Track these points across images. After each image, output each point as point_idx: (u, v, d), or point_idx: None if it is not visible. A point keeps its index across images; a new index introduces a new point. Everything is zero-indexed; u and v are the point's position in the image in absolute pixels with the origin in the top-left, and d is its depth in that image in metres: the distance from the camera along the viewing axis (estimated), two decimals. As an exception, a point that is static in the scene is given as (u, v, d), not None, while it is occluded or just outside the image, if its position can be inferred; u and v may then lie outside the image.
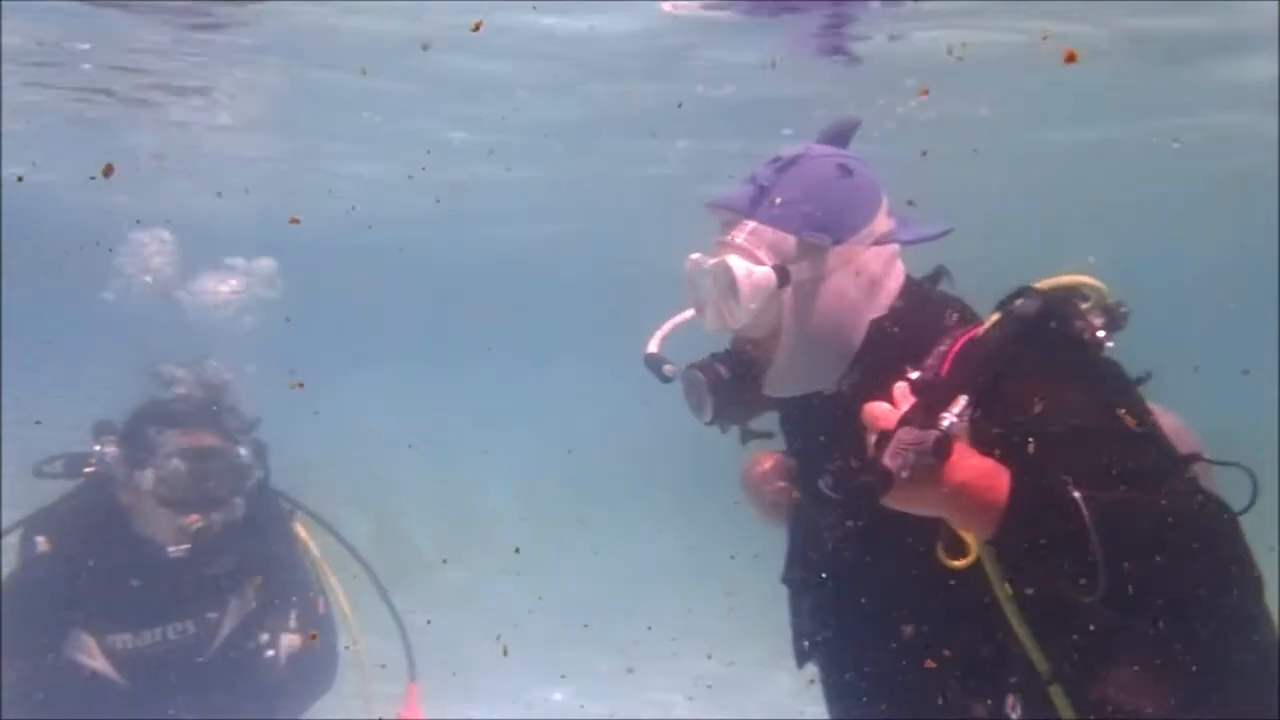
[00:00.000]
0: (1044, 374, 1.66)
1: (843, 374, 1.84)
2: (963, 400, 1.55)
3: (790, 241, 1.78)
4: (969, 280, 1.94)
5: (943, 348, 1.75)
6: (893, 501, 1.52)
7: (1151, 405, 1.73)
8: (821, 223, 1.78)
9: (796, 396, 1.88)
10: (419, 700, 3.68)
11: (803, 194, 1.79)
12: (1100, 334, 1.72)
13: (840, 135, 1.95)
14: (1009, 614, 1.64)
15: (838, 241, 1.79)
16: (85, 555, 3.15)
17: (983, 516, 1.53)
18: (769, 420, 1.99)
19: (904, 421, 1.51)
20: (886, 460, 1.47)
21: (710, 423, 1.89)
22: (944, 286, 1.94)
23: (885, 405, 1.56)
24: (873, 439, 1.52)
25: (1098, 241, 11.03)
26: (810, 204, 1.78)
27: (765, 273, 1.76)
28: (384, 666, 3.70)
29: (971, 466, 1.53)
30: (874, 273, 1.82)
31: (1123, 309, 1.78)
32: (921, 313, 1.83)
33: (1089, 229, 11.22)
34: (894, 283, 1.86)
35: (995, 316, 1.77)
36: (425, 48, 5.64)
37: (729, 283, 1.76)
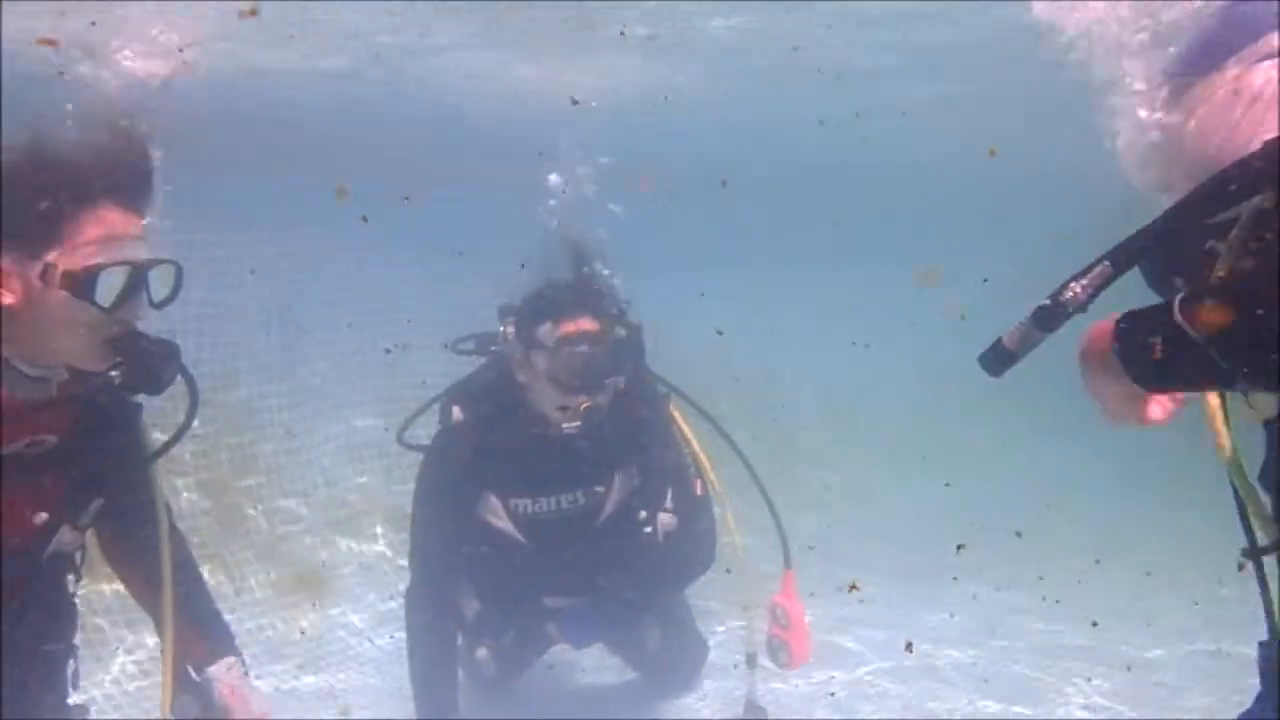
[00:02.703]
0: None
1: None
2: (1100, 267, 1.48)
3: (1164, 89, 1.71)
4: None
5: None
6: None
7: None
8: (1185, 59, 1.67)
9: None
10: (795, 586, 3.66)
11: (1174, 37, 1.69)
12: None
13: None
14: None
15: (1204, 73, 1.65)
16: (491, 425, 3.47)
17: (1109, 367, 1.46)
18: None
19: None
20: (1006, 336, 1.50)
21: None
22: None
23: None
24: None
25: None
26: (1179, 44, 1.68)
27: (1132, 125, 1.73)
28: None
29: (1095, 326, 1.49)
30: (1261, 91, 1.61)
31: None
32: None
33: None
34: None
35: None
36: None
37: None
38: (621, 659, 4.20)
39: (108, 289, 2.11)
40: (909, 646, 4.61)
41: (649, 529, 3.50)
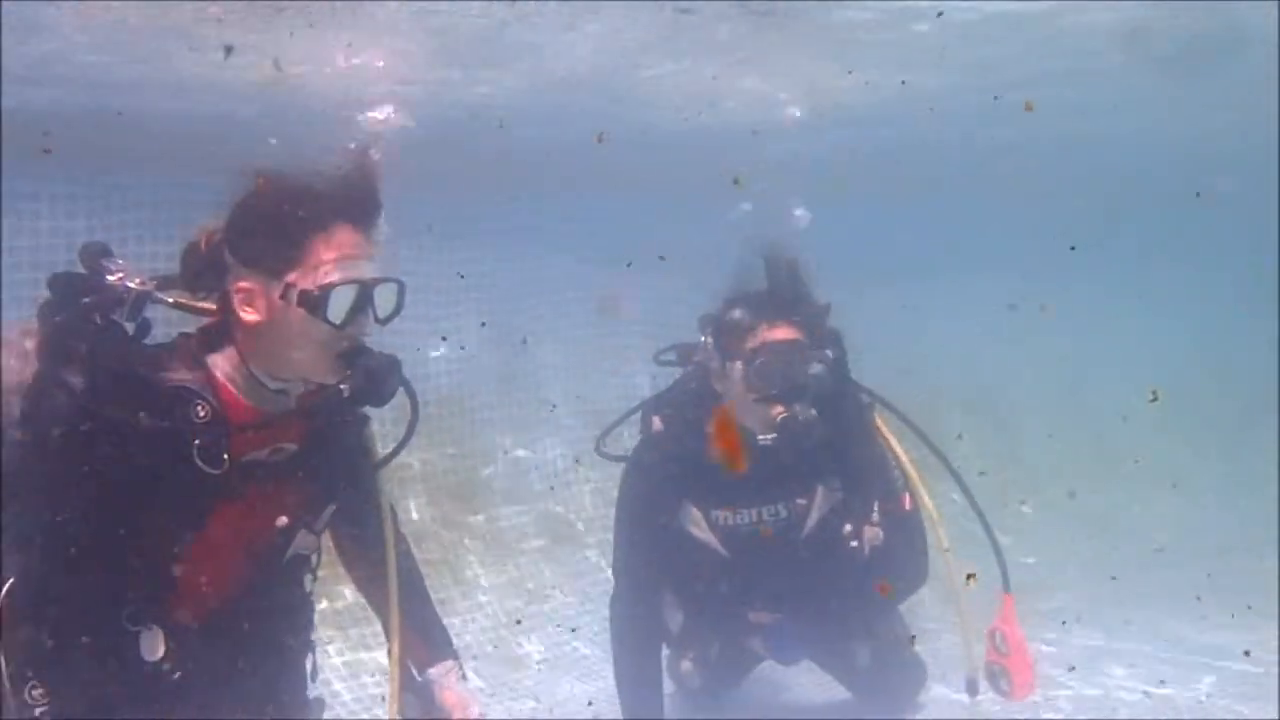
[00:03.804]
0: None
1: None
2: None
3: None
4: None
5: None
6: None
7: None
8: None
9: None
10: (1014, 612, 3.43)
11: None
12: None
13: None
14: None
15: None
16: (691, 436, 3.46)
17: None
18: None
19: None
20: None
21: None
22: None
23: None
24: None
25: None
26: None
27: None
28: (971, 576, 3.50)
29: None
30: None
31: None
32: None
33: None
34: None
35: None
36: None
37: None
38: (832, 677, 4.09)
39: (337, 306, 2.26)
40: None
41: (854, 543, 3.39)
